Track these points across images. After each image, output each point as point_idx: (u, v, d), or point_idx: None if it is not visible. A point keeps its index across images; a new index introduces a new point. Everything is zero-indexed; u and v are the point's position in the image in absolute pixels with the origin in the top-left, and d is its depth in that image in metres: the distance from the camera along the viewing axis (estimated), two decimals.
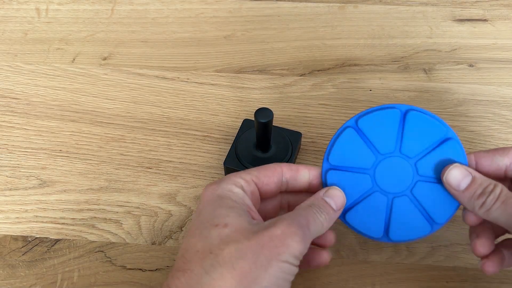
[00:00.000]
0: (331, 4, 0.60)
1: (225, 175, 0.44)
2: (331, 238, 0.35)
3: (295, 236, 0.29)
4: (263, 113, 0.38)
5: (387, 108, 0.34)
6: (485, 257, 0.33)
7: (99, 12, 0.59)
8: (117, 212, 0.42)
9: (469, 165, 0.33)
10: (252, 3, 0.60)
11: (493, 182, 0.31)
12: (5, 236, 0.41)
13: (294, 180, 0.34)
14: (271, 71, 0.53)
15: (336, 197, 0.33)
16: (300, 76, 0.53)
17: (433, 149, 0.34)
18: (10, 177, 0.45)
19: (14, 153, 0.46)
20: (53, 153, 0.46)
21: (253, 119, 0.40)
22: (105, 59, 0.54)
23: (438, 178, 0.33)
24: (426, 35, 0.57)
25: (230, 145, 0.44)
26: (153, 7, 0.60)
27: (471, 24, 0.58)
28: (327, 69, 0.53)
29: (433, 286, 0.38)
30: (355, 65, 0.54)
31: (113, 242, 0.40)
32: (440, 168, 0.33)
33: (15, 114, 0.49)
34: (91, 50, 0.55)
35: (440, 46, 0.55)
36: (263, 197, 0.34)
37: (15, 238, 0.41)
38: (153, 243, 0.40)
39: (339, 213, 0.33)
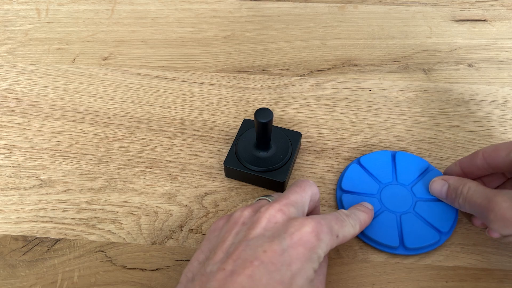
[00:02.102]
0: (331, 4, 0.60)
1: (225, 175, 0.44)
2: None
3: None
4: (263, 113, 0.38)
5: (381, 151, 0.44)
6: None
7: (99, 12, 0.60)
8: (117, 212, 0.42)
9: (455, 170, 0.39)
10: (252, 3, 0.60)
11: (463, 183, 0.37)
12: (6, 236, 0.41)
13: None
14: (271, 71, 0.53)
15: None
16: (300, 76, 0.53)
17: (421, 176, 0.42)
18: (10, 177, 0.45)
19: (15, 153, 0.46)
20: (53, 153, 0.46)
21: (253, 119, 0.40)
22: (105, 59, 0.54)
23: (432, 197, 0.41)
24: (425, 35, 0.57)
25: (230, 145, 0.44)
26: (153, 7, 0.60)
27: (470, 24, 0.58)
28: (327, 69, 0.53)
29: (433, 286, 0.38)
30: (355, 65, 0.54)
31: (113, 242, 0.40)
32: None
33: (16, 114, 0.49)
34: (91, 50, 0.55)
35: (440, 46, 0.55)
36: None
37: (15, 238, 0.41)
38: (153, 243, 0.40)
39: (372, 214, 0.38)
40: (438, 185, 0.39)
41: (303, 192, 0.34)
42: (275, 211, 0.31)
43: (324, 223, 0.32)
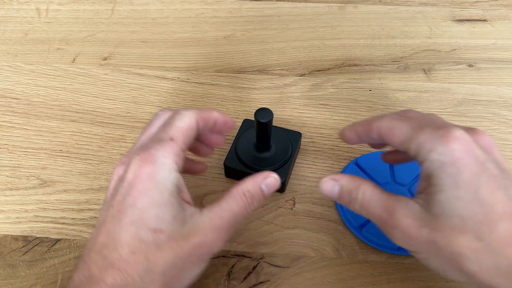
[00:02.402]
0: (331, 4, 0.60)
1: (225, 175, 0.44)
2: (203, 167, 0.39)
3: (220, 241, 0.31)
4: (263, 113, 0.38)
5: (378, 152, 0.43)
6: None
7: (99, 12, 0.60)
8: None
9: (351, 138, 0.35)
10: (252, 3, 0.60)
11: (357, 186, 0.32)
12: (6, 236, 0.41)
13: (205, 126, 0.35)
14: (271, 71, 0.53)
15: (272, 187, 0.34)
16: (300, 76, 0.53)
17: (419, 177, 0.38)
18: (10, 177, 0.45)
19: (15, 153, 0.46)
20: (53, 153, 0.46)
21: (253, 119, 0.40)
22: (105, 59, 0.54)
23: None
24: (425, 35, 0.57)
25: (230, 145, 0.44)
26: (153, 7, 0.60)
27: (470, 24, 0.58)
28: (327, 69, 0.53)
29: (433, 286, 0.38)
30: (355, 65, 0.54)
31: None
32: None
33: (16, 114, 0.49)
34: (91, 50, 0.55)
35: (440, 46, 0.55)
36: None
37: (15, 238, 0.41)
38: None
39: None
40: (329, 186, 0.33)
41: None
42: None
43: (146, 146, 0.32)
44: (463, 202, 0.27)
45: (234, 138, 0.44)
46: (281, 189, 0.43)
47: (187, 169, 0.39)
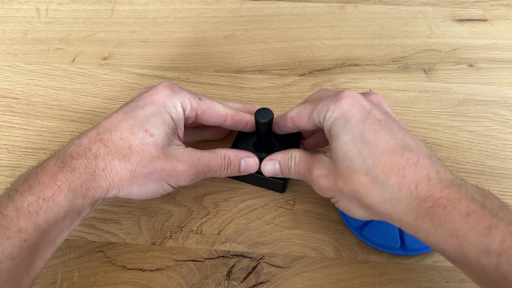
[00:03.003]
0: (331, 4, 0.60)
1: None
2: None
3: (189, 177, 0.36)
4: (263, 113, 0.38)
5: None
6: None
7: (99, 12, 0.59)
8: (117, 212, 0.42)
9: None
10: (252, 3, 0.60)
11: (289, 156, 0.38)
12: None
13: (235, 126, 0.41)
14: (271, 71, 0.53)
15: (249, 167, 0.40)
16: (300, 76, 0.53)
17: None
18: (10, 177, 0.45)
19: (14, 153, 0.46)
20: (53, 153, 0.46)
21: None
22: (105, 59, 0.54)
23: None
24: (426, 35, 0.57)
25: (230, 145, 0.44)
26: (153, 7, 0.60)
27: (471, 24, 0.58)
28: (327, 69, 0.53)
29: (433, 286, 0.38)
30: (355, 65, 0.54)
31: (113, 242, 0.40)
32: None
33: (15, 114, 0.49)
34: (91, 50, 0.55)
35: (440, 46, 0.55)
36: (194, 123, 0.41)
37: None
38: (153, 243, 0.40)
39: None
40: (270, 166, 0.39)
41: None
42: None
43: (182, 87, 0.39)
44: (351, 145, 0.32)
45: (234, 138, 0.44)
46: (281, 189, 0.43)
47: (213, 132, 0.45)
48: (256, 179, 0.42)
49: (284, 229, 0.41)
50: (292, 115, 0.37)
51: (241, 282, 0.38)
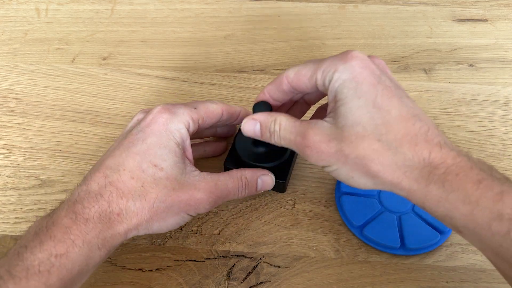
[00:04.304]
0: (331, 4, 0.60)
1: None
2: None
3: (208, 204, 0.35)
4: (261, 107, 0.37)
5: None
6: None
7: (99, 12, 0.59)
8: None
9: (264, 98, 0.37)
10: (252, 3, 0.60)
11: (273, 119, 0.34)
12: (5, 236, 0.41)
13: (229, 120, 0.40)
14: (271, 71, 0.53)
15: (266, 184, 0.39)
16: None
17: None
18: (10, 177, 0.45)
19: (14, 153, 0.46)
20: (53, 153, 0.46)
21: None
22: (105, 59, 0.54)
23: None
24: (426, 35, 0.57)
25: (230, 145, 0.44)
26: (153, 7, 0.60)
27: (471, 24, 0.58)
28: None
29: (433, 286, 0.38)
30: None
31: None
32: None
33: (15, 114, 0.49)
34: (91, 50, 0.55)
35: (440, 46, 0.55)
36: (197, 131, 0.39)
37: (15, 238, 0.41)
38: (153, 243, 0.40)
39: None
40: (250, 126, 0.36)
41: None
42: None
43: (173, 104, 0.37)
44: (363, 110, 0.30)
45: (234, 138, 0.44)
46: (281, 189, 0.43)
47: (208, 152, 0.44)
48: None
49: (284, 229, 0.41)
50: (289, 74, 0.34)
51: (241, 282, 0.38)
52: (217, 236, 0.41)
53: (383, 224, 0.39)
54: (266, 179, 0.39)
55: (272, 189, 0.43)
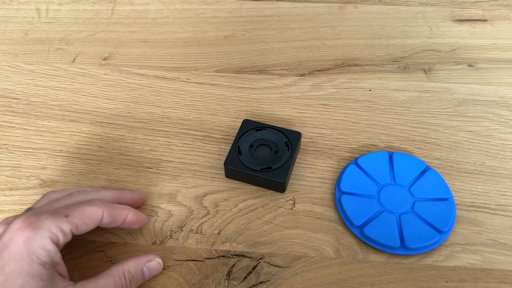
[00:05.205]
0: (331, 4, 0.60)
1: (225, 175, 0.44)
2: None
3: None
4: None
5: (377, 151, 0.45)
6: None
7: (99, 12, 0.60)
8: None
9: None
10: (252, 3, 0.60)
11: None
12: None
13: (113, 223, 0.36)
14: (271, 71, 0.53)
15: (153, 270, 0.37)
16: (300, 76, 0.53)
17: (419, 177, 0.42)
18: (10, 177, 0.45)
19: (15, 153, 0.46)
20: (53, 153, 0.46)
21: (253, 119, 0.40)
22: (105, 59, 0.54)
23: (430, 197, 0.41)
24: (425, 35, 0.57)
25: (230, 145, 0.44)
26: (153, 7, 0.60)
27: (470, 24, 0.58)
28: (327, 69, 0.53)
29: (433, 286, 0.38)
30: (355, 65, 0.54)
31: (114, 242, 0.40)
32: (429, 190, 0.41)
33: (16, 114, 0.49)
34: (91, 50, 0.55)
35: (440, 46, 0.55)
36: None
37: None
38: (153, 243, 0.40)
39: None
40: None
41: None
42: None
43: (39, 212, 0.32)
44: None
45: (234, 138, 0.44)
46: (281, 189, 0.43)
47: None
48: (256, 179, 0.42)
49: (284, 229, 0.41)
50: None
51: (241, 282, 0.38)
52: (217, 236, 0.41)
53: (383, 224, 0.40)
54: (153, 265, 0.37)
55: (272, 189, 0.43)
